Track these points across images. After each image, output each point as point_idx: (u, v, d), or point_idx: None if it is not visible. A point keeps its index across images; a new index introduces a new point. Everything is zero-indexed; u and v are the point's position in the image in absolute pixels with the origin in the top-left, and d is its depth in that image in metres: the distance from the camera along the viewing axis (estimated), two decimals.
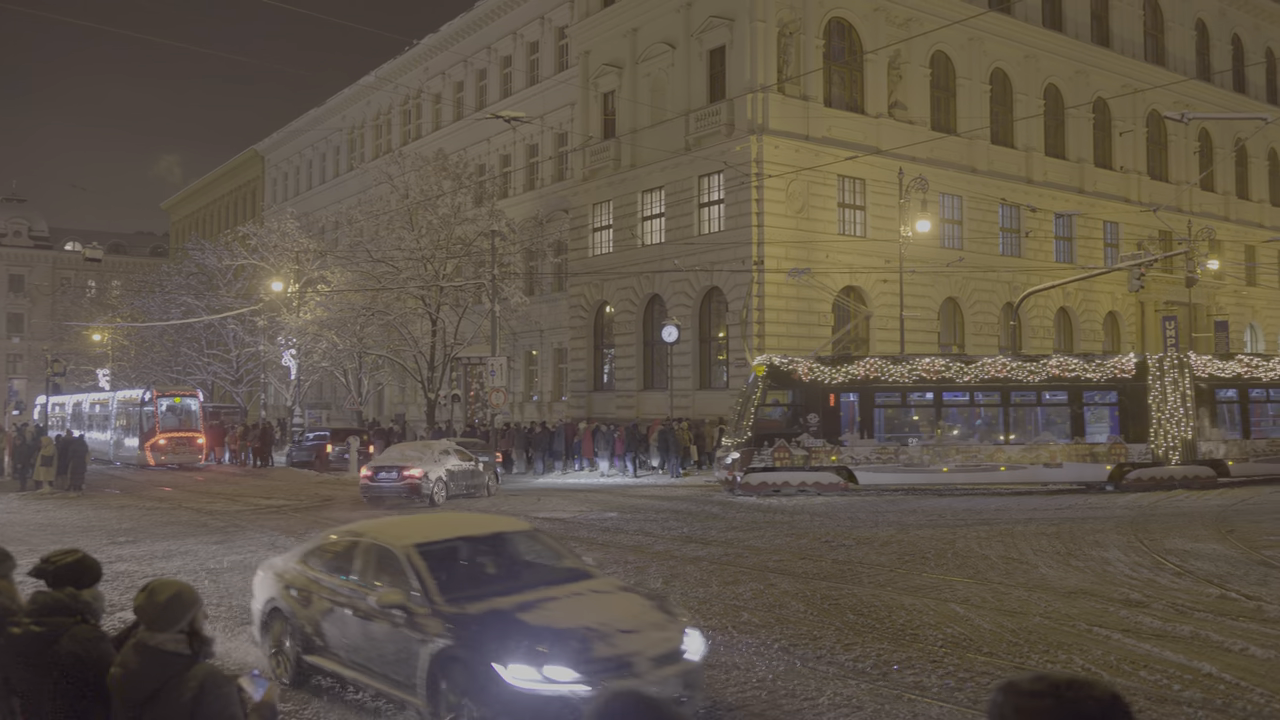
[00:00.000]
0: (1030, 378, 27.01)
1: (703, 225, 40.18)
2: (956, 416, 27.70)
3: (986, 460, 26.76)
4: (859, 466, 26.56)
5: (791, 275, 33.78)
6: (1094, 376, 27.17)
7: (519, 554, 9.16)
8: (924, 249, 39.75)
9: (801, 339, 37.86)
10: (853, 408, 27.02)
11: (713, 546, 17.20)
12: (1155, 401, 27.37)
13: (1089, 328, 47.74)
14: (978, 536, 18.08)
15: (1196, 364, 28.08)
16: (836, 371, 26.73)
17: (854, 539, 17.94)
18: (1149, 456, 27.22)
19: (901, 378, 26.75)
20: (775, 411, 27.53)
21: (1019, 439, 27.27)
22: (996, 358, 27.32)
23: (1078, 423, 27.27)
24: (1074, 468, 26.94)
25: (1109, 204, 48.12)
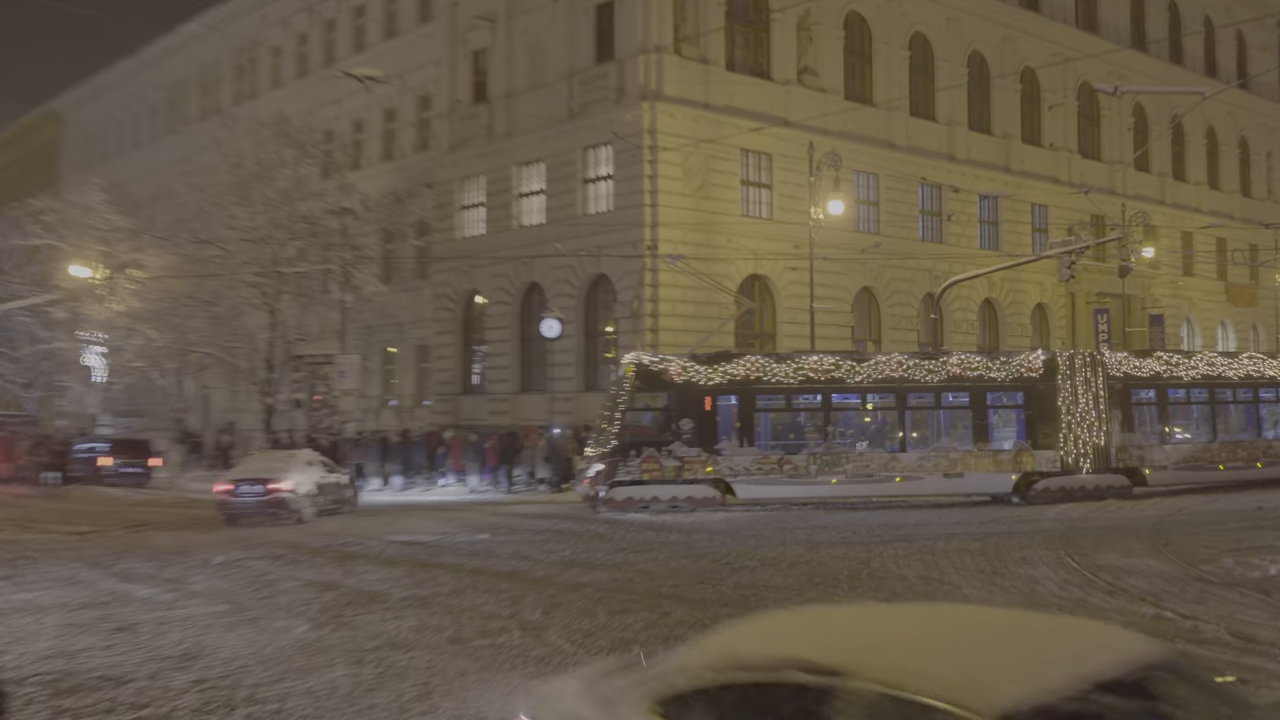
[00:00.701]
0: (929, 377, 27.84)
1: (588, 204, 40.24)
2: (847, 421, 28.38)
3: (880, 470, 27.51)
4: (738, 478, 27.06)
5: (670, 261, 34.02)
6: (998, 376, 28.16)
7: None
8: (837, 233, 40.54)
9: (700, 333, 38.20)
10: (732, 412, 27.49)
11: (599, 571, 17.26)
12: (1065, 404, 28.41)
13: (1016, 321, 49.35)
14: (895, 555, 18.52)
15: (1111, 362, 29.25)
16: (714, 371, 27.13)
17: (758, 560, 18.21)
18: (1058, 465, 28.27)
19: (786, 378, 27.31)
20: (645, 417, 27.82)
21: (917, 446, 28.11)
22: (892, 355, 28.19)
23: (981, 428, 28.19)
24: (977, 478, 27.89)
25: (1038, 184, 49.81)
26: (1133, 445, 29.02)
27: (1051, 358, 28.66)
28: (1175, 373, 29.88)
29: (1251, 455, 30.44)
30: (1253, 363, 31.10)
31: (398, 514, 28.06)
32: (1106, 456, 28.65)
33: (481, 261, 43.61)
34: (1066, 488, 28.15)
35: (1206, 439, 30.28)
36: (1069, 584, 15.23)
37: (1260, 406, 31.19)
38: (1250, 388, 30.98)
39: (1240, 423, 31.23)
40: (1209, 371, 30.24)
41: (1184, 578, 15.69)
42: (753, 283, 40.92)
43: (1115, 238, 41.69)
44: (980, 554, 18.49)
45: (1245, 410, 31.25)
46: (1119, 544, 19.51)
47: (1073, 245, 35.53)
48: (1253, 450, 30.52)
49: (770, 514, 27.01)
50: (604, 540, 21.70)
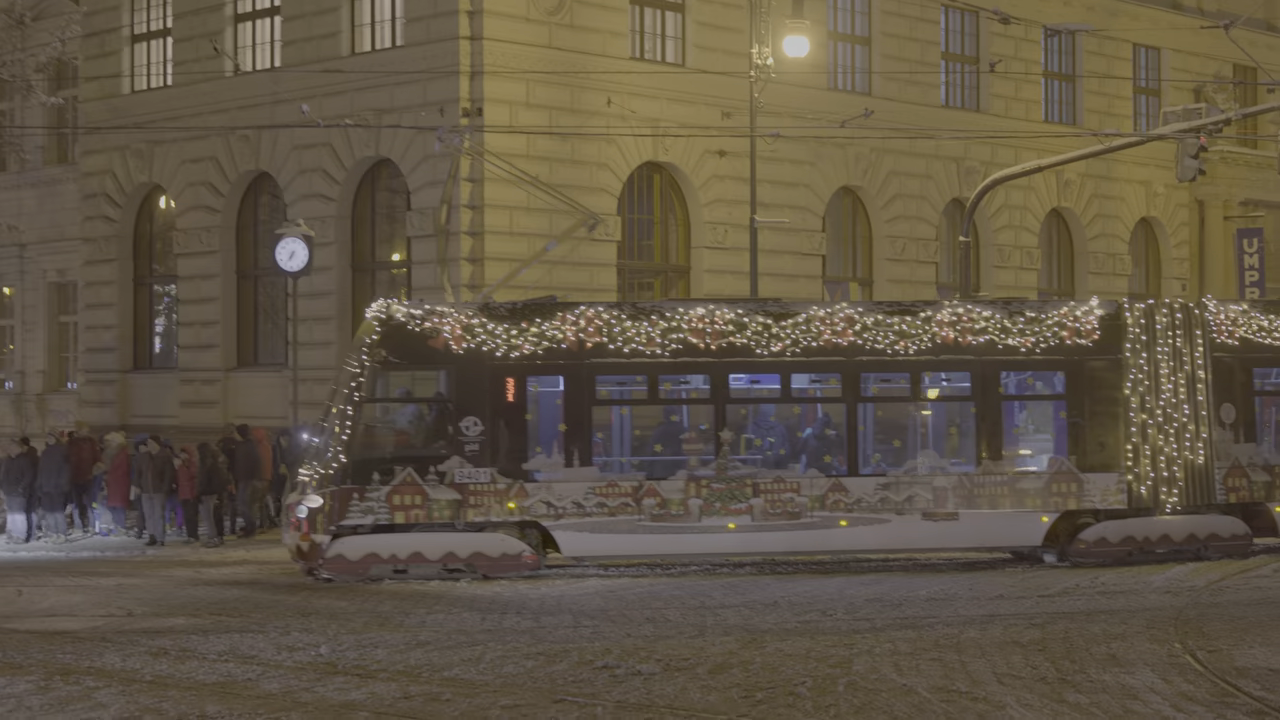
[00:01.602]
0: (900, 345, 28.14)
1: (360, 37, 40.01)
2: (758, 422, 28.92)
3: (813, 508, 27.86)
4: (562, 521, 27.30)
5: (447, 141, 33.38)
6: (1021, 343, 28.52)
7: None
8: (799, 93, 40.73)
9: (563, 265, 38.10)
10: (553, 406, 27.89)
11: (379, 681, 17.22)
12: (1136, 393, 28.86)
13: (1104, 249, 50.29)
14: (894, 651, 18.70)
15: (1220, 320, 29.64)
16: (521, 334, 27.32)
17: (659, 660, 18.26)
18: (1124, 497, 28.73)
19: (648, 344, 27.55)
20: (398, 414, 28.15)
21: (877, 465, 28.59)
22: (836, 307, 28.43)
23: (989, 434, 28.67)
24: (979, 521, 28.25)
25: (1144, 12, 50.64)
26: (1258, 465, 29.64)
27: (1114, 312, 29.09)
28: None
29: None
30: None
31: (15, 576, 27.76)
32: (1208, 484, 29.17)
33: (168, 134, 43.01)
34: (1137, 538, 28.69)
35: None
36: (1190, 701, 15.56)
37: None
38: None
39: None
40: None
41: None
42: (649, 176, 40.92)
43: (1274, 107, 42.62)
44: (1039, 649, 18.77)
45: None
46: (1274, 631, 19.91)
47: (1204, 120, 36.22)
48: None
49: (679, 580, 27.12)
50: (388, 625, 21.62)
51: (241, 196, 42.61)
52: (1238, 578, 26.37)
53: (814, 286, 42.48)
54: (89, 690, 16.86)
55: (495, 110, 37.26)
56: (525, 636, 20.59)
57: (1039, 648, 18.91)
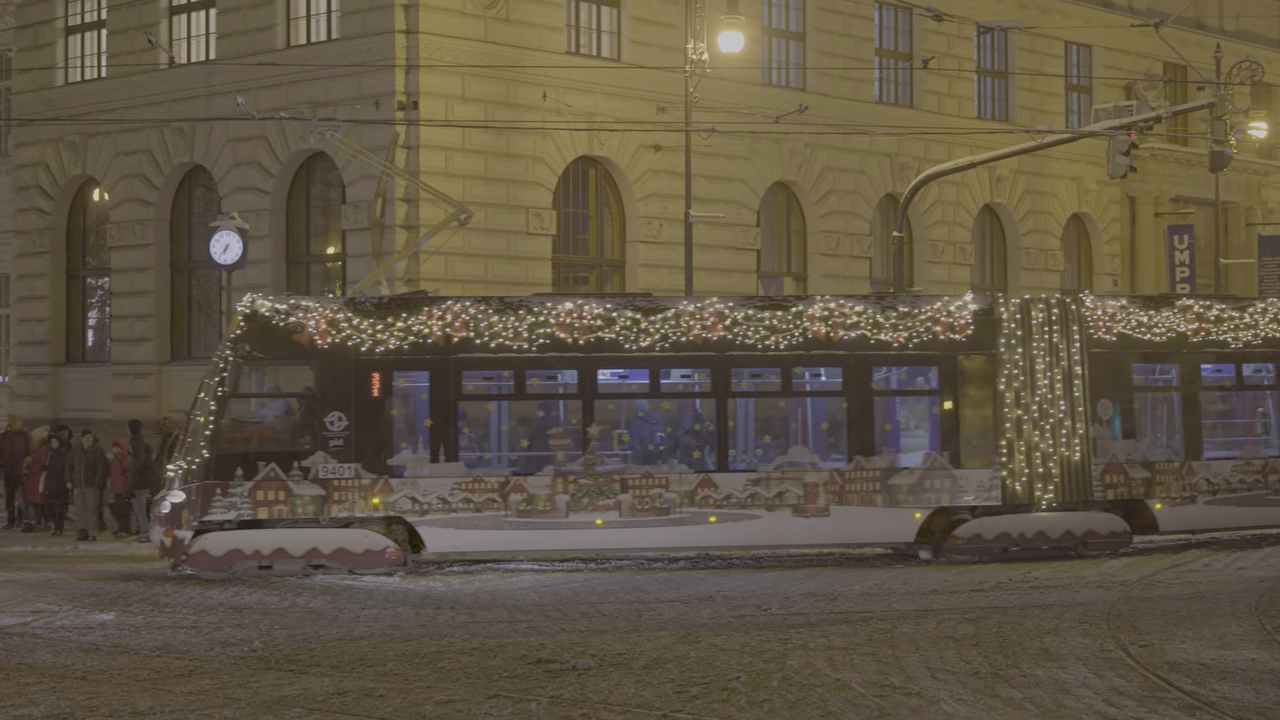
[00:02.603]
0: (771, 340, 28.19)
1: (295, 30, 39.85)
2: (628, 417, 28.89)
3: (682, 504, 27.84)
4: (428, 517, 27.28)
5: (322, 134, 33.15)
6: (894, 338, 28.58)
7: None
8: (733, 88, 40.73)
9: (498, 259, 38.02)
10: (419, 401, 27.90)
11: (312, 676, 17.14)
12: (1011, 388, 28.94)
13: (1037, 244, 50.50)
14: (829, 646, 18.74)
15: (1097, 316, 29.70)
16: (387, 328, 27.27)
17: (594, 655, 18.24)
18: (998, 494, 28.83)
19: (516, 340, 27.51)
20: (264, 408, 28.14)
21: (748, 461, 28.64)
22: (706, 302, 28.45)
23: (861, 430, 28.75)
24: (851, 516, 28.29)
25: (1076, 10, 50.88)
26: (1136, 462, 29.76)
27: (988, 307, 29.15)
28: (1215, 334, 30.39)
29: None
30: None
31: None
32: (1085, 481, 29.27)
33: (102, 127, 42.68)
34: (1012, 534, 28.79)
35: (1271, 450, 31.25)
36: (1121, 695, 15.61)
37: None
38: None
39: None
40: (1278, 333, 30.77)
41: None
42: (585, 171, 40.85)
43: (1204, 105, 42.85)
44: (973, 643, 18.83)
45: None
46: (1206, 625, 20.08)
47: (1134, 117, 36.37)
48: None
49: (614, 575, 27.14)
50: (322, 620, 21.57)
51: (175, 189, 42.31)
52: (1169, 572, 26.60)
53: (749, 281, 42.49)
54: (20, 687, 16.74)
55: (431, 104, 37.11)
56: (460, 631, 20.57)
57: (973, 642, 18.98)
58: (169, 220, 42.48)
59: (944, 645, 18.78)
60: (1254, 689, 15.86)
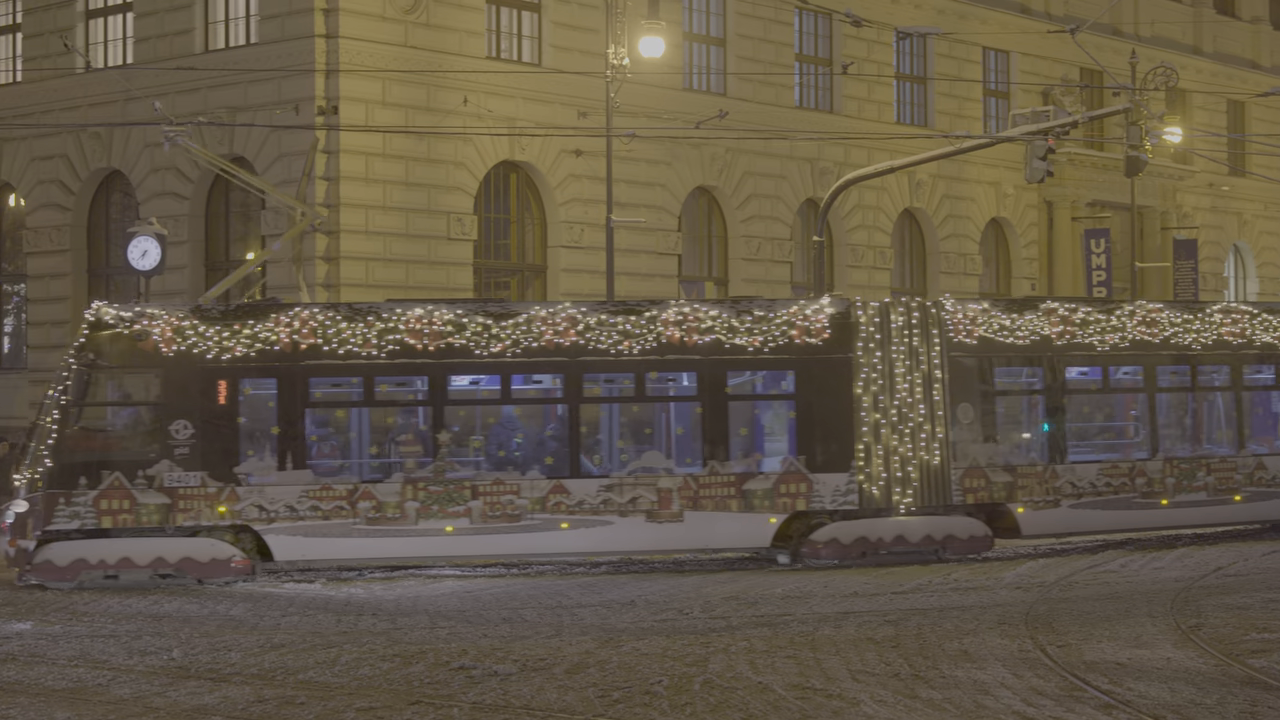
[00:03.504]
0: (625, 345, 28.01)
1: (213, 34, 39.70)
2: (477, 425, 28.75)
3: (534, 510, 27.70)
4: (275, 525, 27.06)
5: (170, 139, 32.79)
6: (748, 342, 28.37)
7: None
8: (654, 94, 40.82)
9: (419, 264, 37.95)
10: (266, 409, 27.73)
11: (233, 685, 17.06)
12: (869, 392, 28.78)
13: (955, 248, 50.79)
14: (751, 649, 18.79)
15: (958, 319, 29.62)
16: (234, 336, 27.05)
17: (516, 661, 18.23)
18: (855, 498, 28.70)
19: (364, 347, 27.34)
20: (108, 417, 27.75)
21: (601, 467, 28.55)
22: (559, 307, 28.22)
23: (716, 434, 28.58)
24: (707, 522, 28.15)
25: (994, 16, 51.23)
26: (998, 465, 29.73)
27: (845, 311, 28.93)
28: (1081, 337, 30.43)
29: (1226, 481, 31.67)
30: (1235, 319, 32.03)
31: None
32: (944, 485, 29.21)
33: (17, 131, 42.43)
34: (870, 538, 28.67)
35: (1140, 454, 31.32)
36: (1039, 696, 15.72)
37: (1246, 397, 32.52)
38: (1227, 363, 32.10)
39: (1206, 425, 32.57)
40: (1146, 335, 30.89)
41: (1224, 680, 16.39)
42: (506, 176, 40.82)
43: (1120, 110, 43.21)
44: (893, 645, 18.92)
45: (1217, 403, 32.57)
46: (1122, 625, 20.27)
47: (1051, 122, 36.63)
48: (1228, 473, 31.71)
49: (536, 580, 27.13)
50: (242, 628, 21.48)
51: (93, 194, 42.11)
52: (1086, 573, 26.80)
53: (670, 286, 42.58)
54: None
55: (351, 109, 37.03)
56: (381, 638, 20.50)
57: (893, 644, 19.08)
58: (86, 226, 42.25)
59: (864, 647, 18.86)
60: (1169, 688, 16.00)
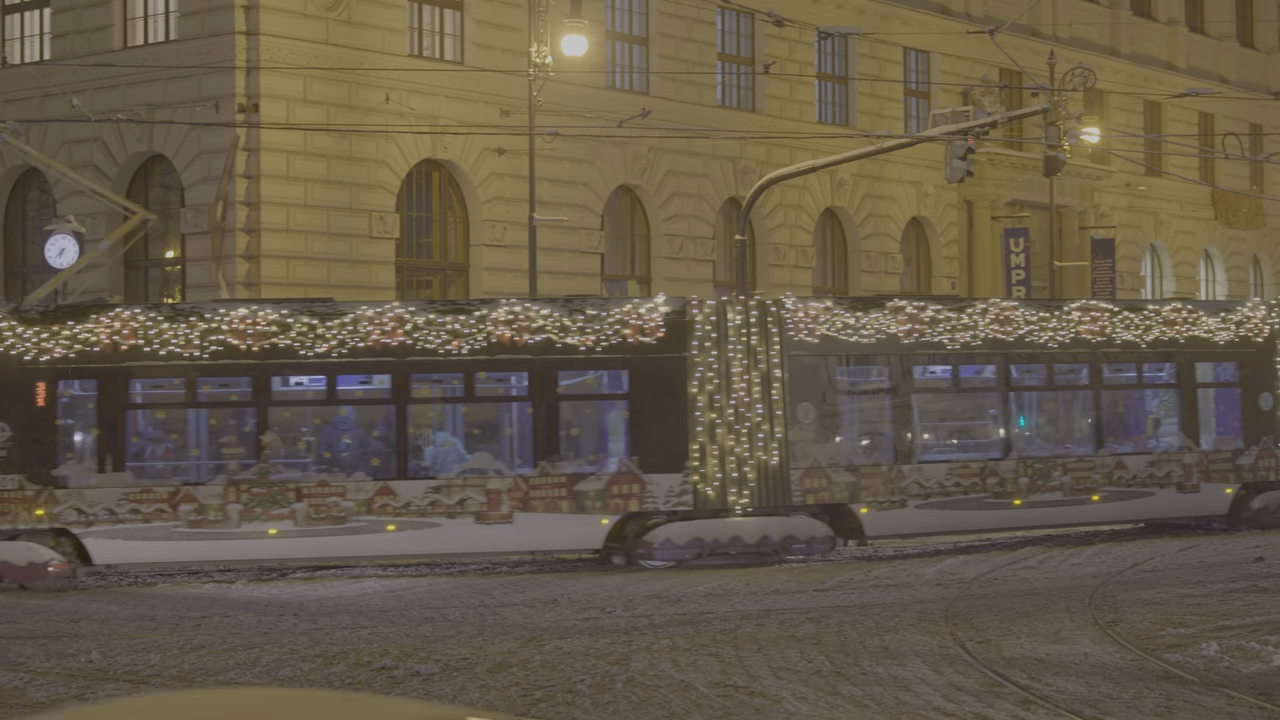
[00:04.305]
0: (453, 345, 27.72)
1: (132, 30, 39.45)
2: (300, 426, 28.73)
3: (360, 512, 27.44)
4: (94, 528, 26.72)
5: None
6: (580, 341, 28.03)
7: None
8: (576, 92, 40.77)
9: (341, 262, 37.80)
10: (85, 410, 27.56)
11: (152, 688, 16.97)
12: (704, 392, 28.47)
13: (877, 247, 50.95)
14: (673, 648, 18.83)
15: (799, 318, 29.25)
16: (53, 336, 26.71)
17: (438, 658, 18.23)
18: (689, 499, 28.42)
19: (187, 347, 27.00)
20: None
21: (428, 468, 28.34)
22: (386, 307, 27.93)
23: (547, 435, 28.34)
24: (534, 523, 27.85)
25: (914, 17, 51.45)
26: (840, 465, 29.55)
27: (680, 309, 28.63)
28: (930, 335, 30.03)
29: (1083, 481, 31.55)
30: (1095, 317, 31.70)
31: None
32: (783, 485, 28.98)
33: None
34: (705, 539, 28.41)
35: (992, 453, 31.21)
36: (959, 691, 15.84)
37: (1106, 395, 32.57)
38: (1086, 362, 31.87)
39: (1063, 424, 32.88)
40: (1000, 334, 30.66)
41: (1141, 674, 16.57)
42: (428, 174, 40.71)
43: (1039, 110, 43.51)
44: (815, 643, 19.01)
45: (1074, 402, 32.77)
46: (1040, 621, 20.44)
47: (971, 122, 36.84)
48: (1086, 472, 31.58)
49: (459, 579, 27.09)
50: (162, 629, 21.40)
51: (10, 192, 41.68)
52: (1006, 569, 27.01)
53: (593, 284, 42.54)
54: None
55: (272, 106, 36.83)
56: (303, 639, 20.44)
57: (814, 641, 19.17)
58: (3, 223, 41.81)
59: (786, 645, 18.95)
60: (1086, 682, 16.16)
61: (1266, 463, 33.00)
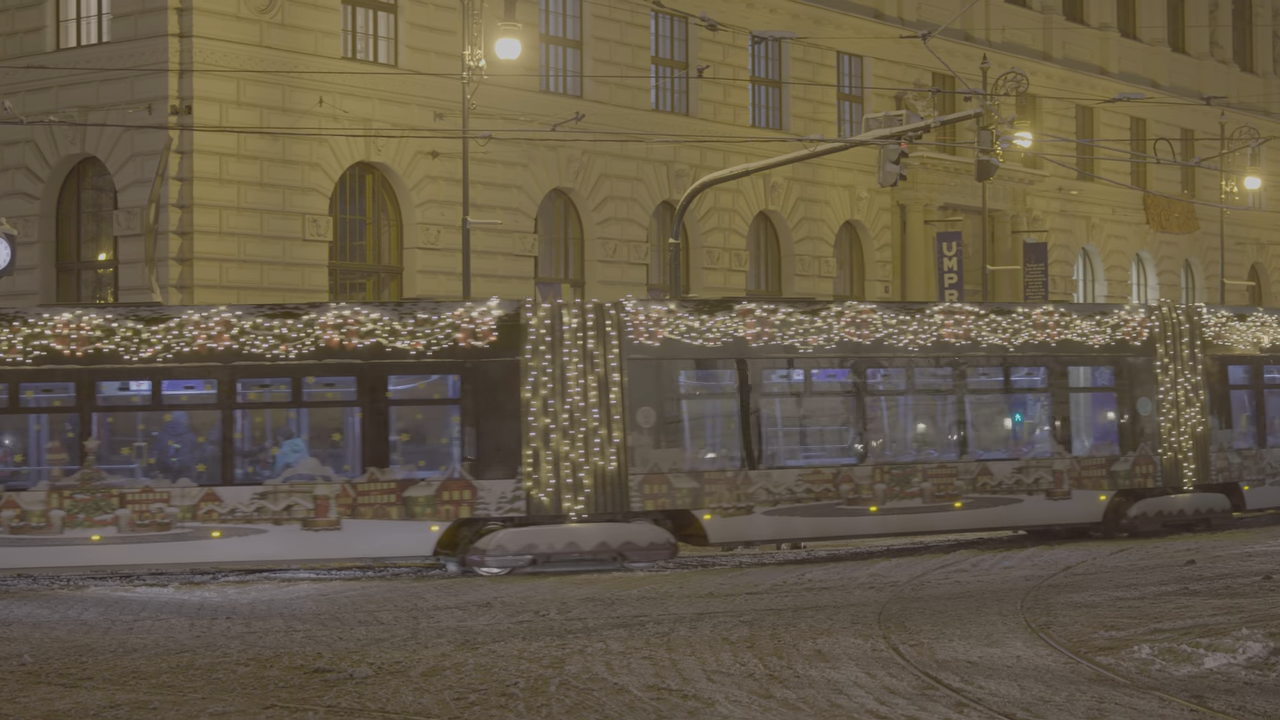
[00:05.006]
0: (279, 349, 27.46)
1: (65, 32, 39.35)
2: (127, 431, 28.50)
3: (185, 518, 27.12)
4: None
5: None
6: (411, 345, 27.83)
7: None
8: (510, 95, 40.79)
9: (274, 265, 37.68)
10: None
11: (85, 691, 16.86)
12: (537, 397, 28.14)
13: (810, 251, 51.10)
14: (608, 651, 18.84)
15: (639, 321, 28.90)
16: None
17: (372, 662, 18.18)
18: (522, 504, 28.13)
19: (10, 352, 26.71)
20: None
21: (254, 474, 28.08)
22: (212, 311, 27.52)
23: (376, 439, 28.16)
24: (362, 530, 27.72)
25: (847, 21, 51.67)
26: (682, 471, 29.20)
27: (513, 313, 28.31)
28: (780, 339, 29.73)
29: (945, 487, 31.03)
30: (959, 320, 31.25)
31: None
32: (621, 491, 28.57)
33: None
34: (540, 546, 28.15)
35: (847, 459, 30.80)
36: (893, 694, 15.87)
37: (970, 400, 32.09)
38: (949, 366, 31.53)
39: (924, 429, 32.69)
40: (855, 337, 30.36)
41: (1073, 677, 16.64)
42: (361, 177, 40.64)
43: (971, 115, 43.70)
44: (749, 646, 19.02)
45: (936, 407, 32.36)
46: (973, 623, 20.55)
47: (904, 126, 36.99)
48: (948, 479, 31.10)
49: (393, 583, 27.08)
50: (95, 632, 21.28)
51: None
52: (938, 572, 27.13)
53: (526, 287, 42.44)
54: None
55: (205, 109, 36.70)
56: (236, 642, 20.35)
57: (748, 644, 19.19)
58: None
59: (720, 648, 18.97)
60: (1019, 685, 16.23)
61: (1144, 469, 32.76)
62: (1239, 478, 34.37)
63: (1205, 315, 33.98)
